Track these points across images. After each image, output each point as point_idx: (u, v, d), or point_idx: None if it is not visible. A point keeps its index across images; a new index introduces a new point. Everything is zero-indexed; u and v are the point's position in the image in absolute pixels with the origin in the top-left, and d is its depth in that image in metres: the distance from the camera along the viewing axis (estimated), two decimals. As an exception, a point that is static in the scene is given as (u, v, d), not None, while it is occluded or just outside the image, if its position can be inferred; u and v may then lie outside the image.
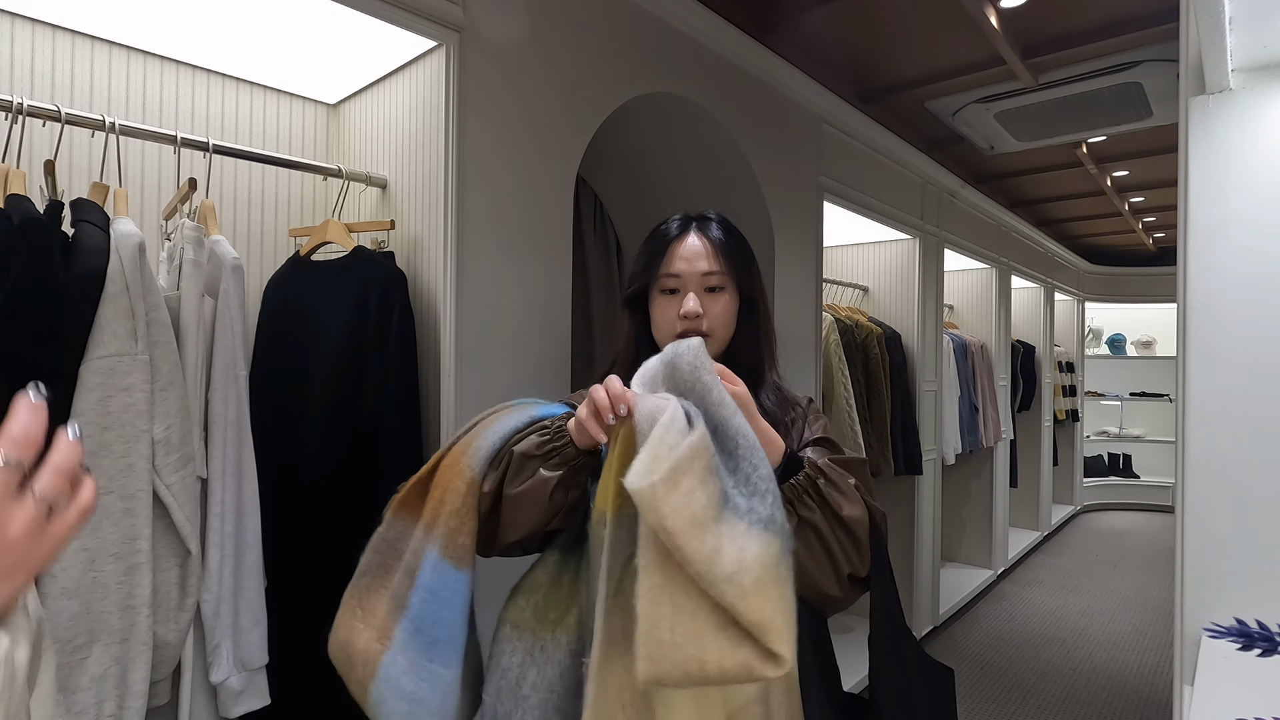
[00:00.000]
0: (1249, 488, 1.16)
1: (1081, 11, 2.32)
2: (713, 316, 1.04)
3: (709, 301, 1.04)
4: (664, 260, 1.05)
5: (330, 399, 1.42)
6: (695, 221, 1.09)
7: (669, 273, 1.05)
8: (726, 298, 1.06)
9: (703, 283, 1.04)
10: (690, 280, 1.04)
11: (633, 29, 1.89)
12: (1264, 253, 1.16)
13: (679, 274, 1.04)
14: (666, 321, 1.05)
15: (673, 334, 1.03)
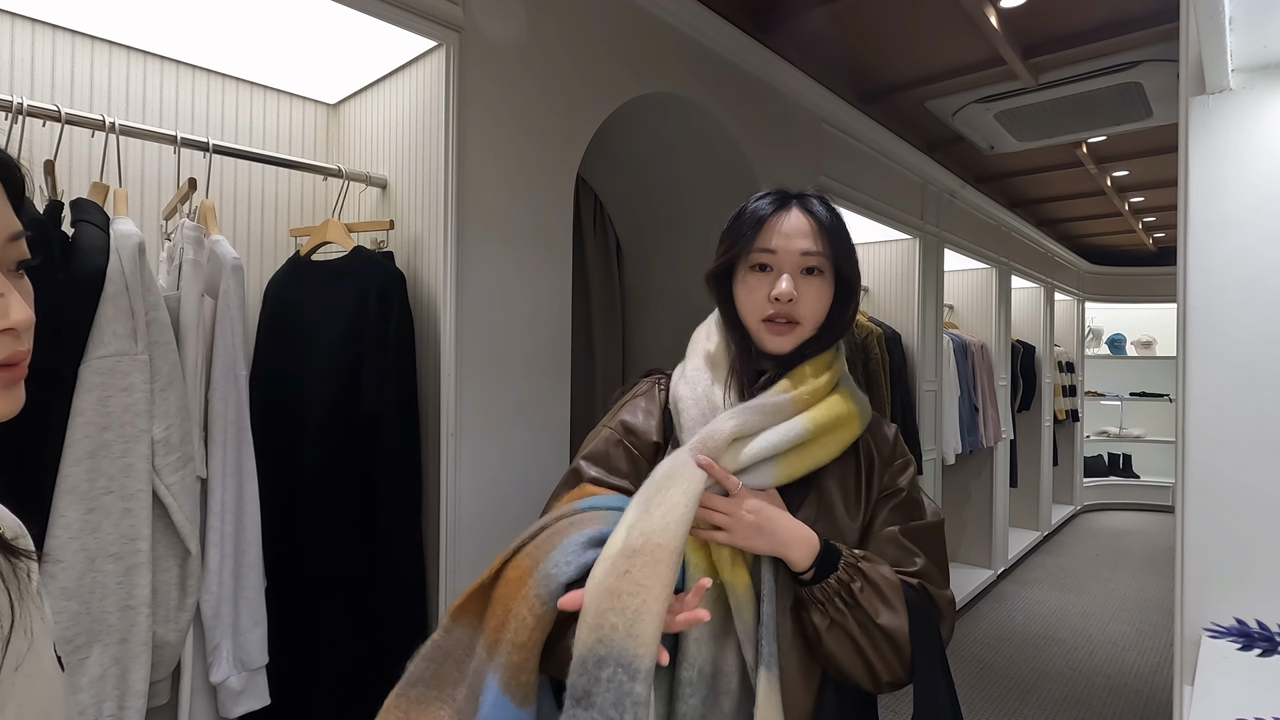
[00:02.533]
0: (1249, 487, 1.16)
1: (1081, 11, 2.32)
2: (806, 302, 0.94)
3: (804, 285, 0.94)
4: (760, 234, 0.95)
5: (330, 399, 1.42)
6: (796, 198, 0.98)
7: (764, 247, 0.94)
8: (822, 283, 0.95)
9: (800, 263, 0.94)
10: (787, 258, 0.93)
11: (633, 29, 1.89)
12: (1264, 253, 1.16)
13: (775, 250, 0.94)
14: (754, 302, 0.95)
15: (759, 316, 0.95)
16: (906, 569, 0.88)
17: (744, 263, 0.97)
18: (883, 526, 0.92)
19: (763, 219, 0.95)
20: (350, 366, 1.42)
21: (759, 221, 0.95)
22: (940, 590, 0.89)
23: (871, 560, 0.87)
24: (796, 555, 0.85)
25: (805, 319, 0.94)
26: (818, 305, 0.95)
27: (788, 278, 0.93)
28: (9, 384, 0.48)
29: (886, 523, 0.93)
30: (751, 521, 0.84)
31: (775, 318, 0.94)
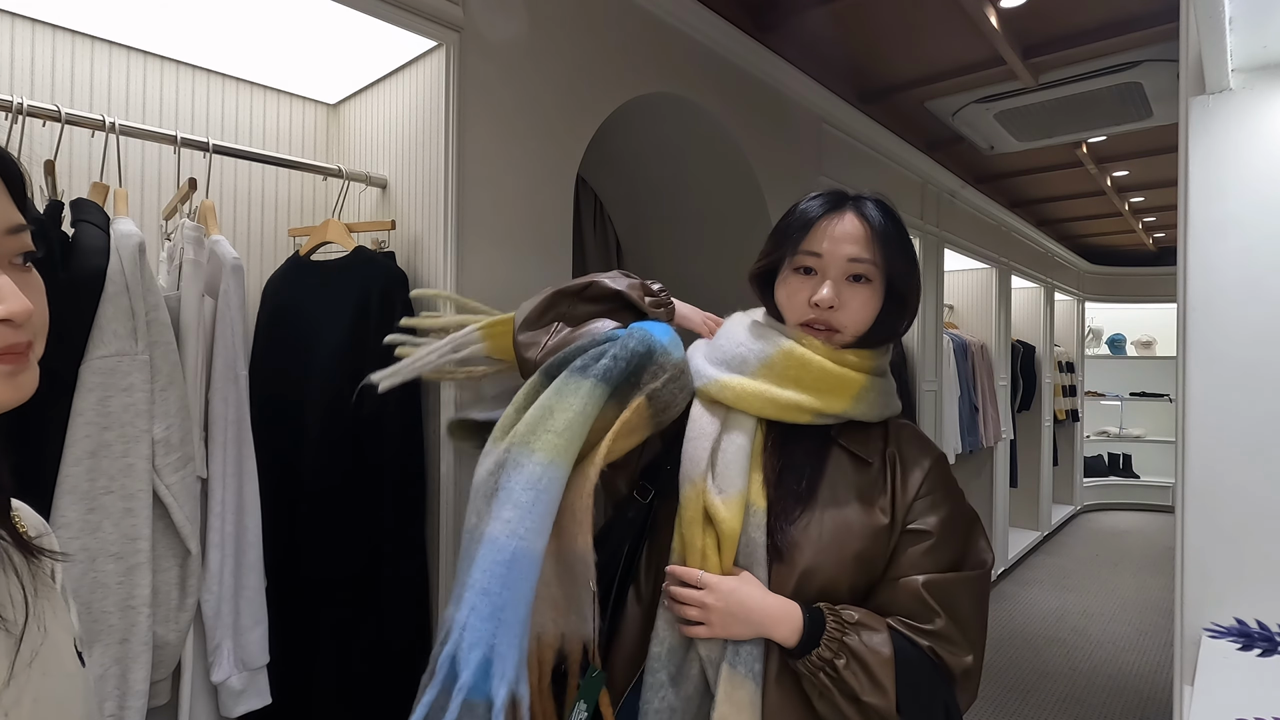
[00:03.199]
0: (1249, 488, 1.16)
1: (1081, 11, 2.32)
2: (850, 310, 0.90)
3: (848, 292, 0.90)
4: (807, 236, 0.91)
5: (331, 399, 1.42)
6: (852, 200, 0.94)
7: (810, 249, 0.90)
8: (869, 292, 0.91)
9: (846, 269, 0.90)
10: (833, 263, 0.90)
11: (633, 29, 1.89)
12: (1264, 253, 1.16)
13: (821, 253, 0.90)
14: (796, 304, 0.92)
15: (798, 319, 0.92)
16: (921, 625, 0.81)
17: (788, 264, 0.94)
18: (907, 570, 0.85)
19: (812, 220, 0.92)
20: (351, 366, 1.42)
21: (808, 223, 0.92)
22: (958, 656, 0.81)
23: (863, 628, 0.80)
24: (780, 635, 0.81)
25: (845, 327, 0.91)
26: (861, 315, 0.91)
27: (830, 283, 0.89)
28: (8, 373, 0.49)
29: (912, 567, 0.85)
30: (725, 609, 0.81)
31: (814, 323, 0.91)
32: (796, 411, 0.89)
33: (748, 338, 0.94)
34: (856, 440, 0.92)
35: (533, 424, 0.86)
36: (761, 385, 0.90)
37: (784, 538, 0.85)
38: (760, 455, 0.90)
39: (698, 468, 0.88)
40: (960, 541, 0.88)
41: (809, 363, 0.89)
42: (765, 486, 0.88)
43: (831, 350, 0.90)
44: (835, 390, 0.90)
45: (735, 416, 0.91)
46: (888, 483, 0.89)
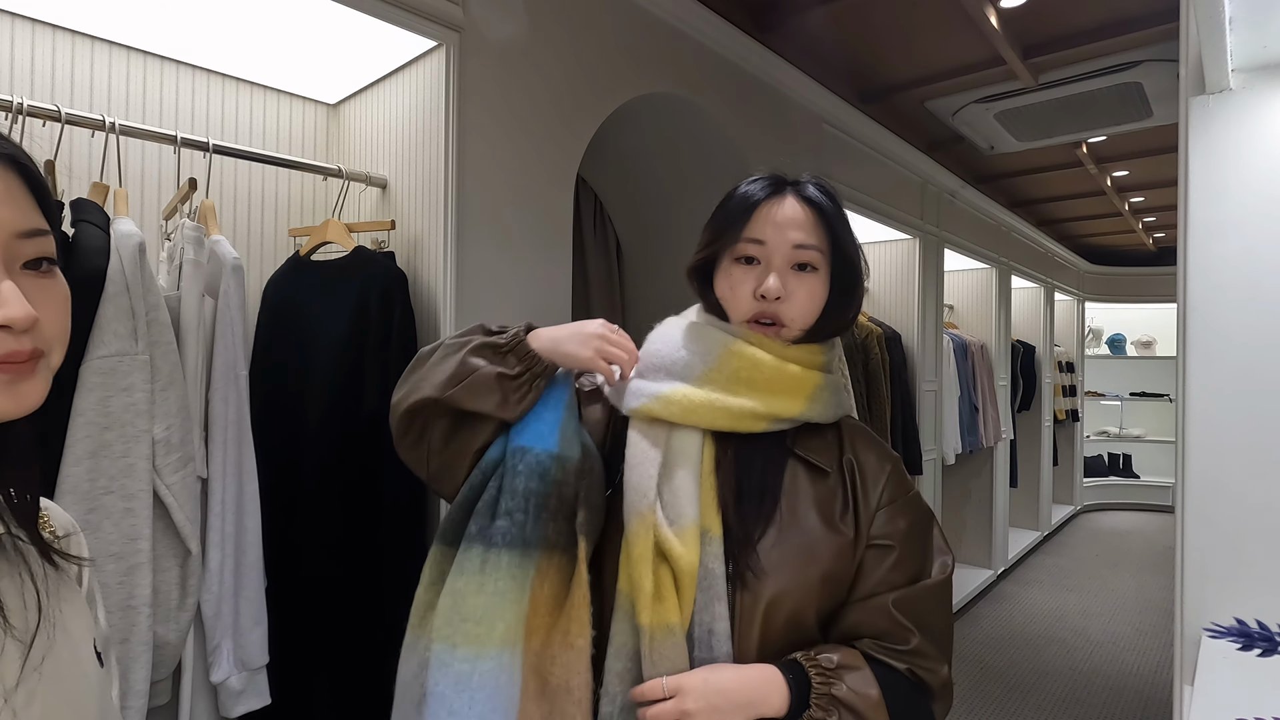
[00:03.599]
0: (1249, 488, 1.16)
1: (1081, 11, 2.32)
2: (797, 301, 0.84)
3: (795, 281, 0.84)
4: (748, 223, 0.85)
5: (331, 399, 1.42)
6: (792, 184, 0.87)
7: (752, 237, 0.84)
8: (816, 281, 0.85)
9: (792, 257, 0.84)
10: (777, 251, 0.83)
11: (633, 29, 1.89)
12: (1264, 253, 1.16)
13: (764, 240, 0.83)
14: (740, 297, 0.85)
15: (743, 314, 0.85)
16: (898, 647, 0.77)
17: (729, 254, 0.87)
18: (877, 589, 0.79)
19: (752, 206, 0.85)
20: (352, 366, 1.42)
21: (748, 208, 0.85)
22: (935, 670, 0.78)
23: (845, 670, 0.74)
24: (772, 708, 0.73)
25: (793, 320, 0.85)
26: (809, 306, 0.85)
27: (776, 273, 0.83)
28: (6, 381, 0.47)
29: (881, 583, 0.79)
30: (709, 706, 0.72)
31: (760, 317, 0.84)
32: (751, 419, 0.82)
33: (688, 340, 0.86)
34: (813, 448, 0.85)
35: (447, 615, 0.77)
36: (710, 393, 0.82)
37: (746, 564, 0.78)
38: (712, 474, 0.82)
39: (644, 499, 0.78)
40: (922, 549, 0.83)
41: (761, 362, 0.82)
42: (720, 509, 0.80)
43: (782, 347, 0.84)
44: (790, 391, 0.83)
45: (680, 433, 0.82)
46: (848, 494, 0.83)
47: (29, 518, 0.54)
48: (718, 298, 0.88)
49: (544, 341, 0.83)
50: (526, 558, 0.77)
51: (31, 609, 0.51)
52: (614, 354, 0.83)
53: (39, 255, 0.49)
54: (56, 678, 0.51)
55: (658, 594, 0.76)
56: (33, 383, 0.48)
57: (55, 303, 0.50)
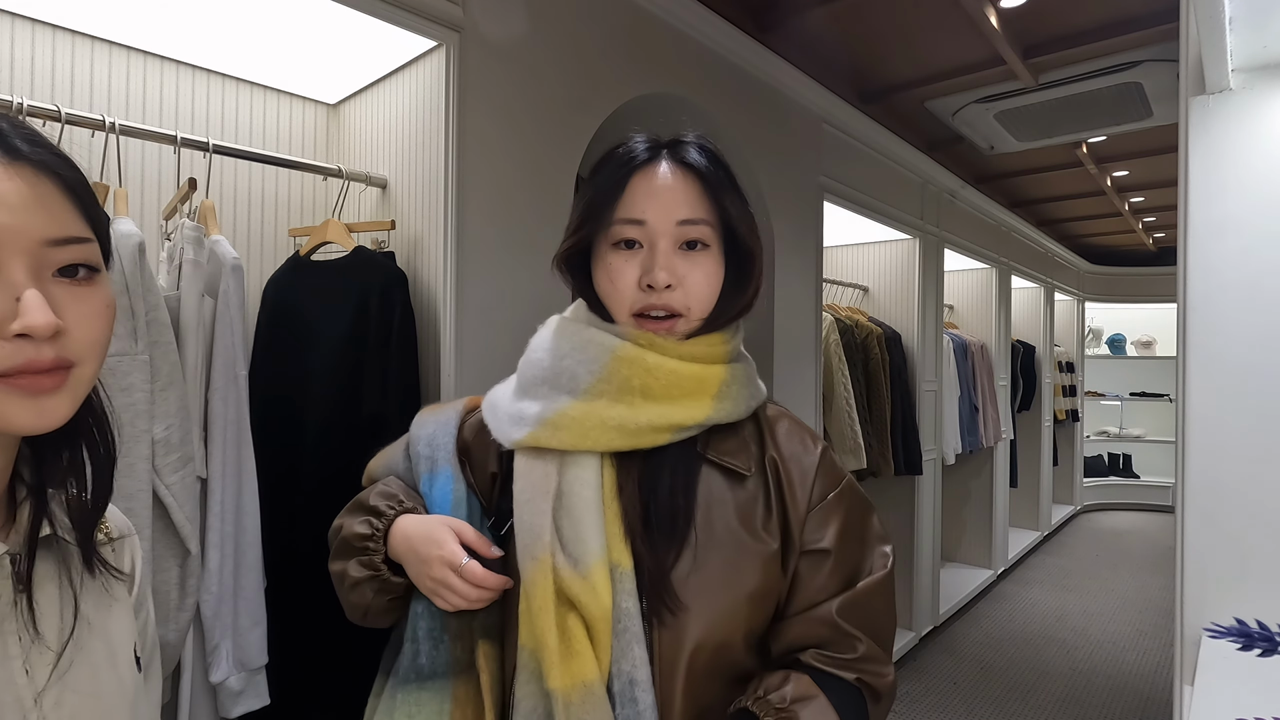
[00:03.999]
0: (1249, 487, 1.16)
1: (1081, 11, 2.32)
2: (691, 286, 0.73)
3: (685, 264, 0.73)
4: (622, 199, 0.72)
5: (331, 399, 1.42)
6: (668, 148, 0.75)
7: (629, 216, 0.72)
8: (710, 261, 0.74)
9: (678, 235, 0.72)
10: (661, 230, 0.72)
11: (633, 29, 1.89)
12: (1264, 253, 1.16)
13: (644, 220, 0.72)
14: (623, 288, 0.73)
15: (630, 308, 0.73)
16: (845, 656, 0.70)
17: (604, 239, 0.74)
18: (817, 597, 0.72)
19: (624, 179, 0.73)
20: (352, 366, 1.42)
21: (620, 182, 0.73)
22: (883, 675, 0.72)
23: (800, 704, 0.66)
24: None
25: (690, 309, 0.73)
26: (705, 290, 0.74)
27: (662, 256, 0.72)
28: (28, 392, 0.45)
29: (821, 590, 0.72)
30: None
31: (650, 310, 0.73)
32: (652, 434, 0.71)
33: (569, 345, 0.74)
34: (728, 449, 0.75)
35: None
36: (604, 408, 0.71)
37: (661, 600, 0.68)
38: (615, 499, 0.71)
39: (539, 540, 0.69)
40: (860, 544, 0.75)
41: (654, 367, 0.71)
42: (628, 538, 0.70)
43: (676, 344, 0.73)
44: (692, 394, 0.72)
45: (575, 459, 0.72)
46: (772, 496, 0.74)
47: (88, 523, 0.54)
48: (597, 293, 0.76)
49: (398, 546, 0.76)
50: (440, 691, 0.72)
51: (68, 616, 0.52)
52: (452, 601, 0.71)
53: (74, 262, 0.47)
54: (89, 683, 0.52)
55: (568, 648, 0.66)
56: (58, 398, 0.46)
57: (91, 312, 0.48)
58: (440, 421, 0.84)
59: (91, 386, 0.50)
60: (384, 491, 0.80)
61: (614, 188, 0.73)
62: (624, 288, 0.73)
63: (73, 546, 0.54)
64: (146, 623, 0.62)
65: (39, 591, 0.51)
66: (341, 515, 0.83)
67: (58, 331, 0.45)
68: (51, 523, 0.52)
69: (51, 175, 0.47)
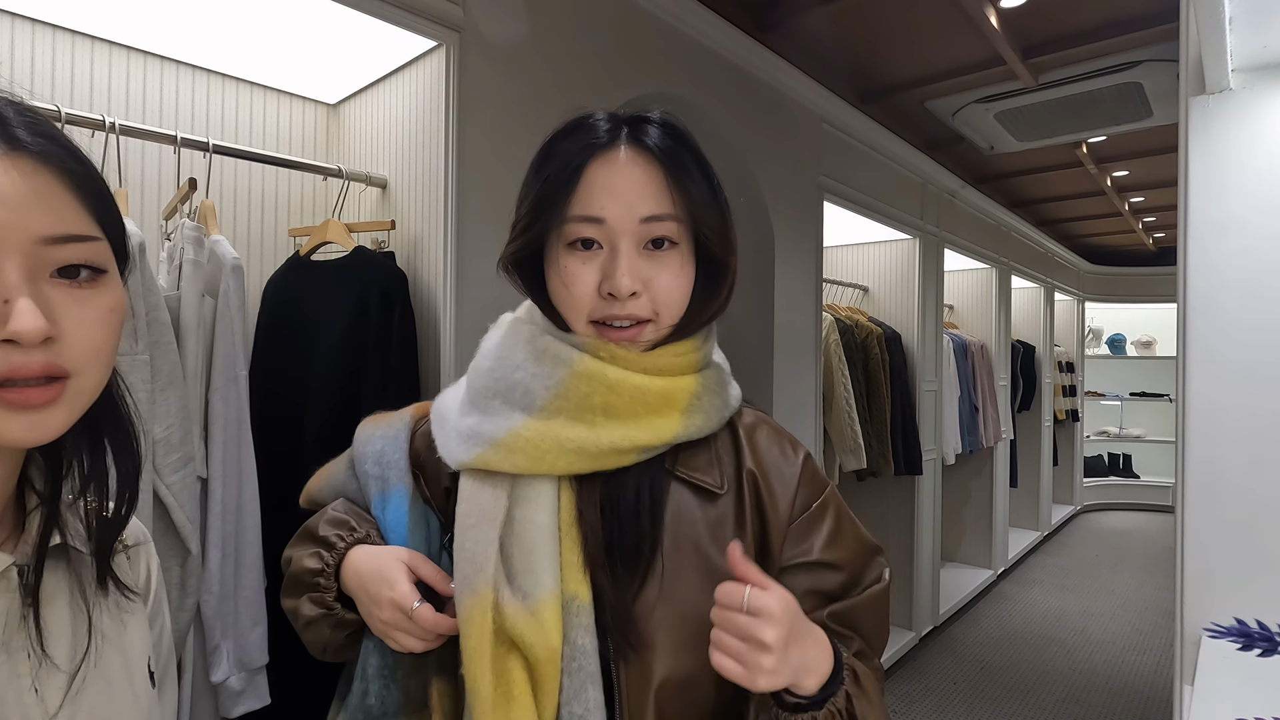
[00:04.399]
0: (1249, 487, 1.16)
1: (1081, 11, 2.32)
2: (658, 291, 0.64)
3: (651, 266, 0.64)
4: (577, 192, 0.63)
5: (331, 399, 1.42)
6: (628, 125, 0.65)
7: (585, 214, 0.63)
8: (678, 260, 0.65)
9: (642, 234, 0.63)
10: (622, 228, 0.63)
11: (632, 29, 1.89)
12: (1264, 253, 1.16)
13: (603, 219, 0.63)
14: (579, 295, 0.64)
15: (589, 315, 0.65)
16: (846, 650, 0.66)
17: (557, 238, 0.65)
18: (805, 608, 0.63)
19: (578, 168, 0.63)
20: (352, 367, 1.42)
21: (573, 171, 0.63)
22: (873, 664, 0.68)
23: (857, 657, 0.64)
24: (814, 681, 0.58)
25: (659, 315, 0.65)
26: (675, 293, 0.65)
27: (625, 258, 0.62)
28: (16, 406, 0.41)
29: (808, 601, 0.66)
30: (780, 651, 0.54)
31: (612, 320, 0.64)
32: (616, 456, 0.63)
33: (522, 355, 0.66)
34: (697, 464, 0.67)
35: None
36: (561, 428, 0.62)
37: (625, 637, 0.61)
38: (574, 526, 0.64)
39: (480, 571, 0.61)
40: (851, 554, 0.69)
41: (617, 384, 0.63)
42: (587, 568, 0.63)
43: (642, 357, 0.65)
44: (659, 409, 0.64)
45: (528, 482, 0.64)
46: (747, 510, 0.67)
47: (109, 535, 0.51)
48: (550, 298, 0.67)
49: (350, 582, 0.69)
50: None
51: (81, 632, 0.49)
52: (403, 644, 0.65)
53: (75, 262, 0.43)
54: (103, 704, 0.49)
55: (505, 694, 0.60)
56: (52, 411, 0.42)
57: (93, 318, 0.44)
58: (389, 436, 0.77)
59: (95, 397, 0.46)
60: (334, 519, 0.73)
61: (567, 178, 0.63)
62: (581, 294, 0.64)
63: (86, 556, 0.50)
64: (162, 633, 0.60)
65: (49, 606, 0.47)
66: (291, 545, 0.76)
67: (49, 337, 0.41)
68: (62, 532, 0.49)
69: (54, 167, 0.43)
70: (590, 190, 0.63)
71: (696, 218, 0.64)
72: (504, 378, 0.66)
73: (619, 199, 0.62)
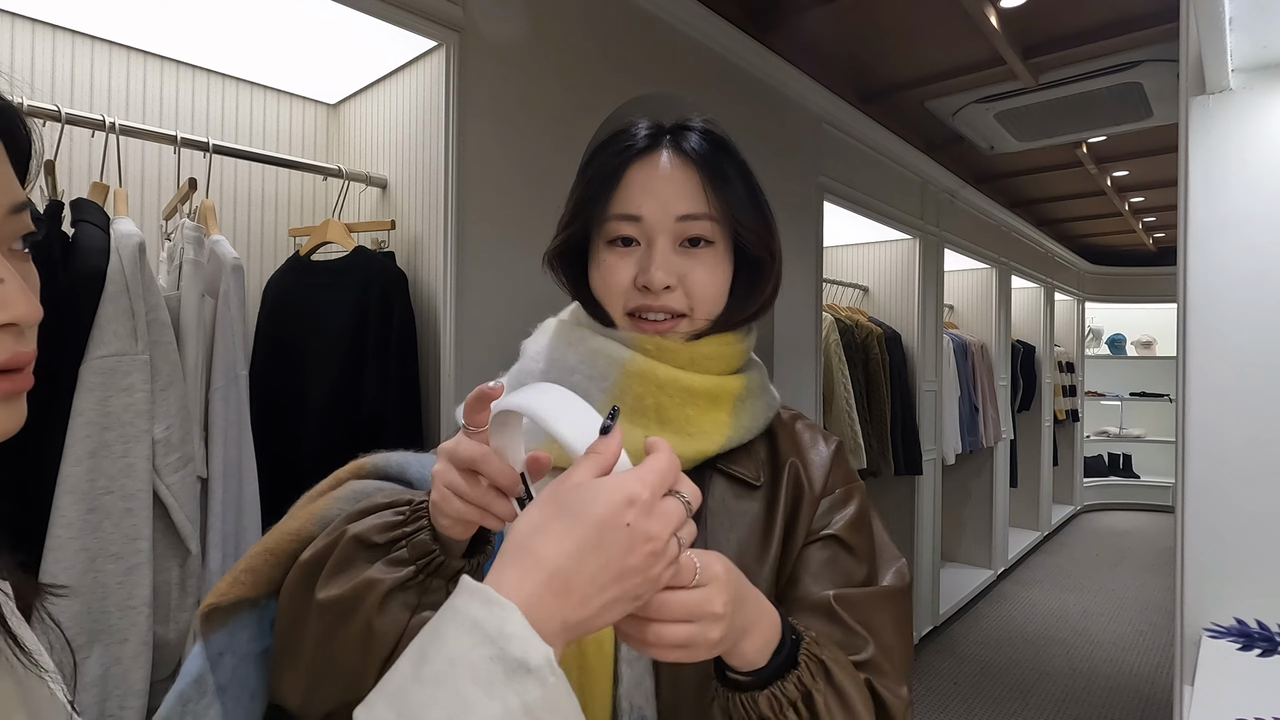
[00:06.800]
0: (1249, 487, 1.16)
1: (1081, 11, 2.32)
2: (693, 286, 0.66)
3: (686, 262, 0.66)
4: (617, 192, 0.66)
5: (330, 399, 1.42)
6: (670, 133, 0.68)
7: (623, 212, 0.66)
8: (715, 257, 0.67)
9: (678, 232, 0.66)
10: (659, 227, 0.65)
11: (632, 29, 1.89)
12: (1264, 253, 1.16)
13: (640, 217, 0.65)
14: (616, 287, 0.66)
15: (624, 307, 0.67)
16: (852, 657, 0.59)
17: (599, 235, 0.68)
18: (811, 586, 0.63)
19: (618, 169, 0.66)
20: (352, 367, 1.42)
21: (614, 173, 0.66)
22: (895, 690, 0.60)
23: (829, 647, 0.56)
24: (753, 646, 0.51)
25: (693, 309, 0.66)
26: (710, 290, 0.66)
27: (660, 254, 0.65)
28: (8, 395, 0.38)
29: (819, 578, 0.63)
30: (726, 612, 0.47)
31: (646, 311, 0.66)
32: None
33: (576, 357, 0.67)
34: (735, 456, 0.68)
35: None
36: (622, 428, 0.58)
37: None
38: None
39: None
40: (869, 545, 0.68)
41: (665, 383, 0.64)
42: None
43: (689, 347, 0.66)
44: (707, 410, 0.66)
45: None
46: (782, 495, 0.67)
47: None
48: (592, 291, 0.69)
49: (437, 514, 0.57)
50: None
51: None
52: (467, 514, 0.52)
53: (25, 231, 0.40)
54: None
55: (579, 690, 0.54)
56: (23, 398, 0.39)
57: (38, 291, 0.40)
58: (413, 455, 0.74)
59: None
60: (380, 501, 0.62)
61: (609, 179, 0.66)
62: (616, 286, 0.66)
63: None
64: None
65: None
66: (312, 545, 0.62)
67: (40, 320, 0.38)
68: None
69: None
70: (630, 190, 0.66)
71: (733, 218, 0.66)
72: (556, 379, 0.64)
73: (656, 198, 0.65)
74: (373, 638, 0.54)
